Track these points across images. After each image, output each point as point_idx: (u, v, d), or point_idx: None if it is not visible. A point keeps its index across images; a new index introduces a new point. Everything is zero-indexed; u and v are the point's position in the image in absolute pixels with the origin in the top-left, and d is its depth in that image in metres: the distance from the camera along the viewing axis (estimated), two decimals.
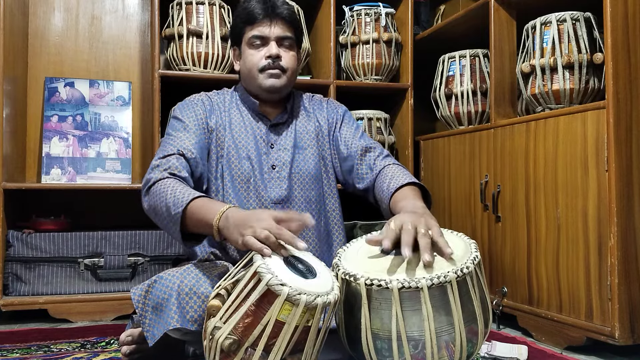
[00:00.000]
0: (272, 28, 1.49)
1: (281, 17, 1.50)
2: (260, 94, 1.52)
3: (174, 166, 1.35)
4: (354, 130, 1.60)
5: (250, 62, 1.50)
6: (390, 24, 2.35)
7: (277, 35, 1.49)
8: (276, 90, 1.51)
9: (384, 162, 1.52)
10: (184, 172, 1.35)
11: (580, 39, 1.70)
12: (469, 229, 2.03)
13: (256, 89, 1.52)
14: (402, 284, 1.03)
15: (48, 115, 2.19)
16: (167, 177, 1.31)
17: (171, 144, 1.41)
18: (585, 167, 1.54)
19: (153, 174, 1.33)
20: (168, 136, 1.46)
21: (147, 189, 1.31)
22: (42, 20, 2.32)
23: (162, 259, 2.04)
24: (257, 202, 1.46)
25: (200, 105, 1.52)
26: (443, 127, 2.42)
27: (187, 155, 1.39)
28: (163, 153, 1.39)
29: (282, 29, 1.50)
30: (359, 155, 1.54)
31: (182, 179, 1.34)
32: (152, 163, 1.37)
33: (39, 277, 1.93)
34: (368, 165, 1.53)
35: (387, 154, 1.56)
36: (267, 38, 1.49)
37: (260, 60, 1.49)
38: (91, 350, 1.53)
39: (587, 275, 1.53)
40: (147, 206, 1.31)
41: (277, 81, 1.49)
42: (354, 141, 1.56)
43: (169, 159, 1.36)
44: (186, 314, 1.14)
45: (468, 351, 1.09)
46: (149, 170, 1.36)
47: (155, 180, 1.30)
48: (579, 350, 1.57)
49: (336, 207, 1.58)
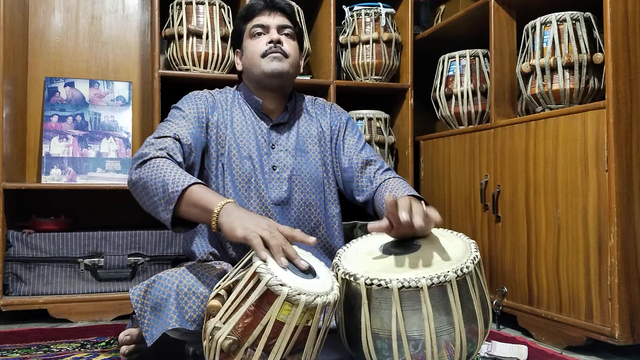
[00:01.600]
0: (272, 18, 1.51)
1: (280, 9, 1.52)
2: (263, 80, 1.49)
3: (170, 148, 1.32)
4: (356, 141, 1.59)
5: (252, 51, 1.50)
6: (390, 24, 2.35)
7: (277, 24, 1.51)
8: (279, 75, 1.48)
9: (384, 175, 1.52)
10: (179, 156, 1.33)
11: (580, 39, 1.70)
12: (469, 229, 2.03)
13: (259, 76, 1.49)
14: (402, 284, 1.03)
15: (48, 115, 2.19)
16: (165, 157, 1.28)
17: (168, 128, 1.39)
18: (585, 167, 1.54)
19: (148, 150, 1.29)
20: (166, 121, 1.44)
21: (140, 162, 1.26)
22: (42, 20, 2.32)
23: (162, 259, 2.04)
24: (258, 202, 1.46)
25: (203, 100, 1.51)
26: (443, 127, 2.42)
27: (182, 140, 1.36)
28: (159, 134, 1.36)
29: (282, 19, 1.52)
30: (359, 168, 1.54)
31: (177, 164, 1.30)
32: (147, 140, 1.34)
33: (39, 277, 1.93)
34: (368, 178, 1.52)
35: (387, 168, 1.56)
36: (268, 26, 1.50)
37: (262, 46, 1.48)
38: (91, 350, 1.53)
39: (587, 275, 1.53)
40: (136, 179, 1.25)
41: (279, 64, 1.47)
42: (356, 152, 1.56)
43: (165, 139, 1.34)
44: (185, 314, 1.14)
45: (468, 351, 1.09)
46: (143, 146, 1.32)
47: (153, 157, 1.27)
48: (579, 350, 1.57)
49: (337, 213, 1.56)
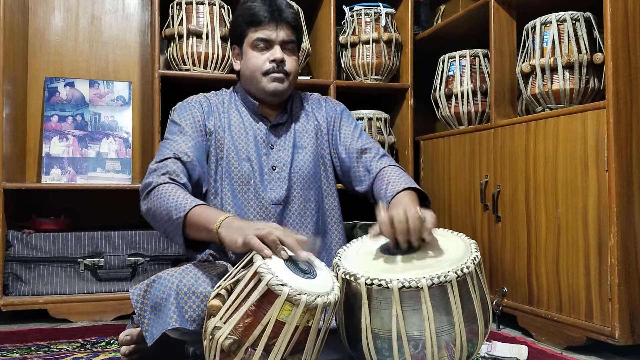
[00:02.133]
0: (277, 32, 1.49)
1: (287, 22, 1.50)
2: (263, 97, 1.52)
3: (172, 170, 1.34)
4: (352, 130, 1.59)
5: (254, 65, 1.49)
6: (390, 24, 2.35)
7: (282, 39, 1.49)
8: (279, 94, 1.51)
9: (381, 163, 1.51)
10: (182, 177, 1.35)
11: (580, 39, 1.70)
12: (469, 229, 2.03)
13: (258, 92, 1.52)
14: (403, 284, 1.03)
15: (48, 115, 2.19)
16: (167, 182, 1.31)
17: (168, 148, 1.41)
18: (585, 167, 1.54)
19: (152, 178, 1.33)
20: (165, 140, 1.46)
21: (147, 193, 1.31)
22: (42, 20, 2.32)
23: (162, 259, 2.04)
24: (257, 204, 1.46)
25: (198, 107, 1.51)
26: (443, 127, 2.42)
27: (183, 158, 1.38)
28: (160, 157, 1.39)
29: (286, 33, 1.50)
30: (355, 157, 1.54)
31: (182, 185, 1.33)
32: (150, 167, 1.37)
33: (39, 277, 1.93)
34: (365, 167, 1.52)
35: (383, 154, 1.55)
36: (272, 42, 1.49)
37: (264, 63, 1.48)
38: (91, 350, 1.53)
39: (587, 275, 1.53)
40: (146, 209, 1.31)
41: (280, 85, 1.49)
42: (352, 142, 1.56)
43: (166, 162, 1.36)
44: (185, 313, 1.14)
45: (468, 351, 1.09)
46: (147, 175, 1.36)
47: (156, 185, 1.30)
48: (579, 350, 1.57)
49: (335, 205, 1.57)
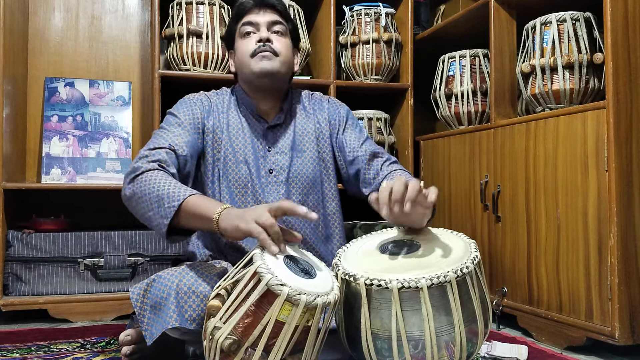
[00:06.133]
0: (262, 16, 1.48)
1: (270, 5, 1.50)
2: (255, 81, 1.48)
3: (164, 159, 1.31)
4: (358, 133, 1.58)
5: (242, 51, 1.48)
6: (390, 24, 2.35)
7: (267, 21, 1.48)
8: (268, 74, 1.45)
9: (391, 167, 1.51)
10: (172, 167, 1.32)
11: (580, 39, 1.70)
12: (469, 229, 2.03)
13: (249, 77, 1.47)
14: (402, 284, 1.03)
15: (48, 115, 2.19)
16: (157, 169, 1.27)
17: (163, 137, 1.38)
18: (585, 167, 1.54)
19: (141, 163, 1.29)
20: (161, 129, 1.42)
21: (133, 177, 1.27)
22: (42, 20, 2.32)
23: (162, 259, 2.04)
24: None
25: (199, 104, 1.49)
26: (443, 127, 2.42)
27: (178, 151, 1.36)
28: (153, 145, 1.35)
29: (271, 16, 1.49)
30: (366, 161, 1.52)
31: (171, 175, 1.29)
32: (141, 152, 1.33)
33: (39, 277, 1.93)
34: (376, 170, 1.51)
35: (394, 160, 1.55)
36: (257, 24, 1.48)
37: (251, 46, 1.46)
38: (91, 350, 1.53)
39: (587, 275, 1.53)
40: (131, 193, 1.26)
41: (268, 63, 1.44)
42: (360, 146, 1.55)
43: (159, 151, 1.33)
44: (185, 313, 1.14)
45: (468, 351, 1.09)
46: (136, 159, 1.31)
47: (145, 170, 1.26)
48: (579, 350, 1.57)
49: (337, 210, 1.55)
